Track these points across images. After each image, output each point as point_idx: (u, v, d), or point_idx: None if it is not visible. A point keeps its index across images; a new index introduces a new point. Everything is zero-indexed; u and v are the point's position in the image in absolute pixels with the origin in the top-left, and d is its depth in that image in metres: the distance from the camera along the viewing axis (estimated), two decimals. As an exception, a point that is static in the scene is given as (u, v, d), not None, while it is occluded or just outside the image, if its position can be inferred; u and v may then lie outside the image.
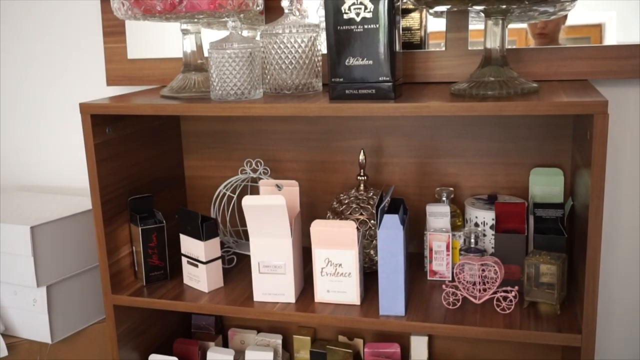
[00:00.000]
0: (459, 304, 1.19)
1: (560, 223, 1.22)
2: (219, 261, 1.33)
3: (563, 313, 1.16)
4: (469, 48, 1.33)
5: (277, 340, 1.51)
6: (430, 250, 1.29)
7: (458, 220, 1.35)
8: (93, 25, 1.62)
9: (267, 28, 1.24)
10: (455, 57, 1.34)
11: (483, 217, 1.29)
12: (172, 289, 1.35)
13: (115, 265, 1.34)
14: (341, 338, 1.52)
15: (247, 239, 1.50)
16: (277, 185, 1.31)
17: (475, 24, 1.32)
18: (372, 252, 1.31)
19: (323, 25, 1.31)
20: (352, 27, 1.12)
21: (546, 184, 1.31)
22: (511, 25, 1.30)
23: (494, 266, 1.17)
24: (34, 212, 1.50)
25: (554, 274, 1.14)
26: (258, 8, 1.27)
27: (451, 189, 1.35)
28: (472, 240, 1.26)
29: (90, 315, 1.55)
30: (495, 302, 1.18)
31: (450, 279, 1.29)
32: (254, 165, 1.46)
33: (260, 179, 1.42)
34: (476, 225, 1.31)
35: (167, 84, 1.47)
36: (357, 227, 1.25)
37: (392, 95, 1.13)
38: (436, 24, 1.35)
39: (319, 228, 1.20)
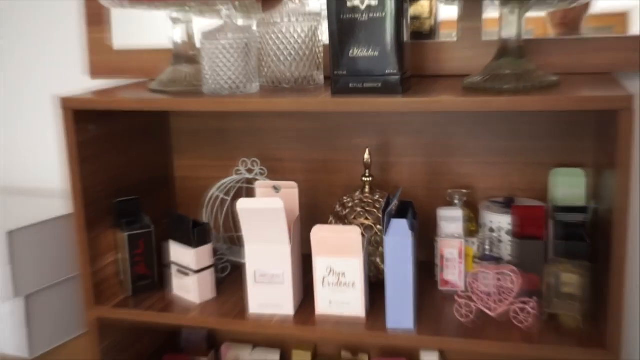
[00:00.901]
0: (472, 317, 1.19)
1: (583, 228, 1.22)
2: (211, 270, 1.33)
3: (586, 326, 1.15)
4: (483, 38, 1.33)
5: (274, 355, 1.51)
6: (442, 258, 1.29)
7: (472, 225, 1.34)
8: (75, 13, 1.62)
9: (264, 17, 1.24)
10: (468, 48, 1.34)
11: (499, 221, 1.29)
12: (160, 300, 1.35)
13: (99, 274, 1.34)
14: (344, 354, 1.51)
15: (241, 245, 1.50)
16: (275, 187, 1.31)
17: (490, 12, 1.32)
18: (378, 260, 1.31)
19: (325, 13, 1.31)
20: (357, 15, 1.12)
21: (568, 186, 1.31)
22: (529, 14, 1.30)
23: (510, 275, 1.16)
24: (10, 216, 1.50)
25: (576, 284, 1.14)
26: (254, -5, 1.27)
27: (464, 191, 1.35)
28: (487, 247, 1.26)
29: (71, 329, 1.55)
30: (512, 314, 1.18)
31: (463, 289, 1.29)
32: (249, 165, 1.46)
33: (257, 180, 1.42)
34: (491, 230, 1.30)
35: (155, 77, 1.47)
36: (362, 233, 1.25)
37: (400, 89, 1.13)
38: (448, 12, 1.35)
39: (320, 234, 1.20)
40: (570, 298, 1.15)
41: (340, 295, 1.22)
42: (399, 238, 1.14)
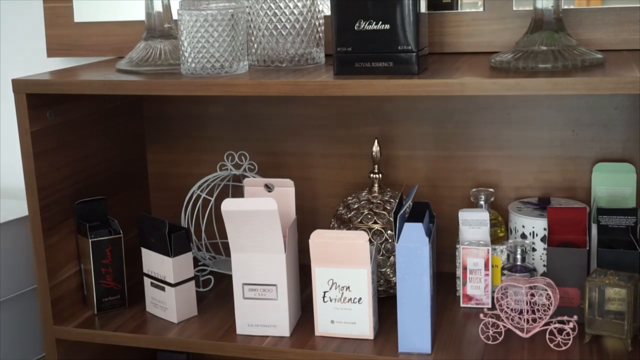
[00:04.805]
0: (501, 339, 1.19)
1: (632, 234, 1.22)
2: (192, 283, 1.33)
3: (636, 350, 1.15)
4: (515, 8, 1.33)
5: (266, 384, 1.51)
6: (464, 269, 1.29)
7: (500, 230, 1.34)
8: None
9: (253, -18, 1.24)
10: (497, 20, 1.34)
11: (532, 226, 1.29)
12: (131, 318, 1.35)
13: (59, 288, 1.34)
14: (349, 382, 1.51)
15: (227, 254, 1.50)
16: (267, 185, 1.31)
17: (523, -22, 1.32)
18: (389, 271, 1.31)
19: (326, -22, 1.31)
20: (364, -19, 1.12)
21: (613, 184, 1.31)
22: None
23: (546, 289, 1.16)
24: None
25: (624, 300, 1.14)
26: (242, -43, 1.27)
27: (491, 190, 1.35)
28: (518, 256, 1.26)
29: (27, 352, 1.55)
30: (548, 335, 1.18)
31: (489, 306, 1.29)
32: (236, 159, 1.46)
33: (245, 177, 1.42)
34: (523, 236, 1.30)
35: (125, 54, 1.47)
36: (370, 240, 1.25)
37: (415, 69, 1.13)
38: (472, -22, 1.35)
39: (320, 240, 1.20)
40: (616, 317, 1.15)
41: (344, 313, 1.22)
42: (414, 245, 1.14)
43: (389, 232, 1.30)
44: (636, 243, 1.21)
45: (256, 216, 1.20)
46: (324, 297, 1.22)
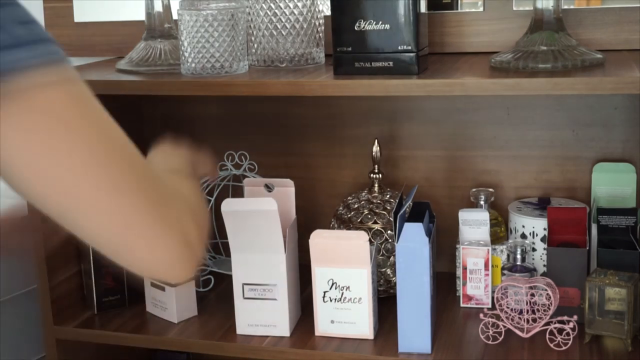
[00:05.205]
0: (501, 338, 1.19)
1: (632, 234, 1.22)
2: (192, 283, 1.33)
3: (636, 350, 1.15)
4: (515, 8, 1.33)
5: (266, 384, 1.51)
6: (464, 269, 1.29)
7: (500, 230, 1.34)
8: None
9: (253, -18, 1.24)
10: (497, 20, 1.34)
11: (532, 226, 1.29)
12: (131, 318, 1.35)
13: (59, 287, 1.34)
14: (349, 382, 1.51)
15: (227, 254, 1.50)
16: (267, 185, 1.31)
17: (523, -22, 1.32)
18: (389, 271, 1.31)
19: (326, -22, 1.31)
20: (364, -19, 1.12)
21: (614, 184, 1.31)
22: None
23: (546, 289, 1.16)
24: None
25: (624, 300, 1.14)
26: (242, -43, 1.27)
27: (491, 190, 1.35)
28: (518, 256, 1.26)
29: (27, 352, 1.55)
30: (548, 335, 1.18)
31: (489, 305, 1.29)
32: (236, 159, 1.46)
33: (245, 177, 1.42)
34: (523, 236, 1.30)
35: (124, 54, 1.47)
36: (370, 239, 1.25)
37: (415, 69, 1.13)
38: (472, -22, 1.35)
39: (320, 240, 1.20)
40: (616, 316, 1.15)
41: (344, 313, 1.22)
42: (414, 245, 1.14)
43: (389, 232, 1.30)
44: (636, 243, 1.21)
45: (256, 216, 1.20)
46: (324, 297, 1.22)
